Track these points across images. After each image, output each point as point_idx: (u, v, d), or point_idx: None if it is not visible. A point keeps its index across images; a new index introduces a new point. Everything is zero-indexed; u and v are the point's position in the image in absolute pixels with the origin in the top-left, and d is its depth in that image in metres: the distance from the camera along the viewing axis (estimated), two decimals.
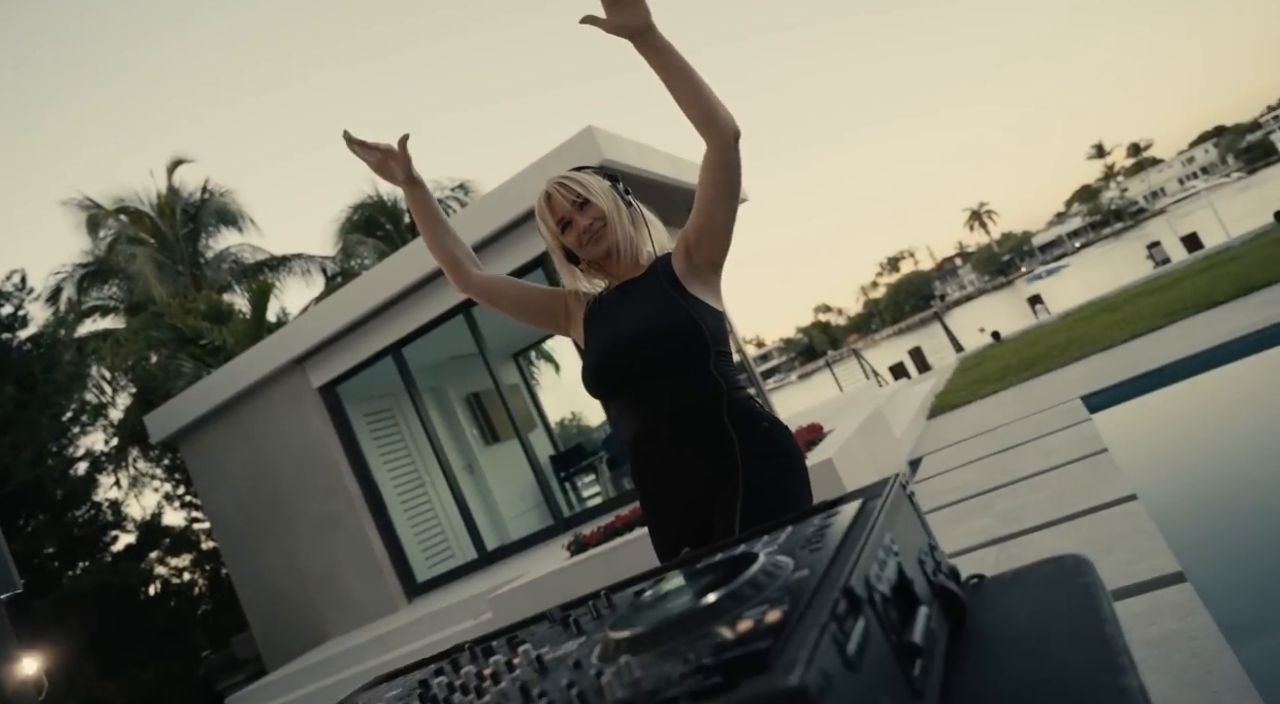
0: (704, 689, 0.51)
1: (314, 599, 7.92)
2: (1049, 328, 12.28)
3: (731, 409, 1.45)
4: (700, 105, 1.37)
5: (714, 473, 1.43)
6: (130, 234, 17.10)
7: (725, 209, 1.47)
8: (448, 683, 0.85)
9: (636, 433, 1.50)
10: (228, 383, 8.21)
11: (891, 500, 0.85)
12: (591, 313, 1.60)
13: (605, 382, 1.51)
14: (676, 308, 1.47)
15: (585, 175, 1.58)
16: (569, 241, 1.57)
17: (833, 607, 0.57)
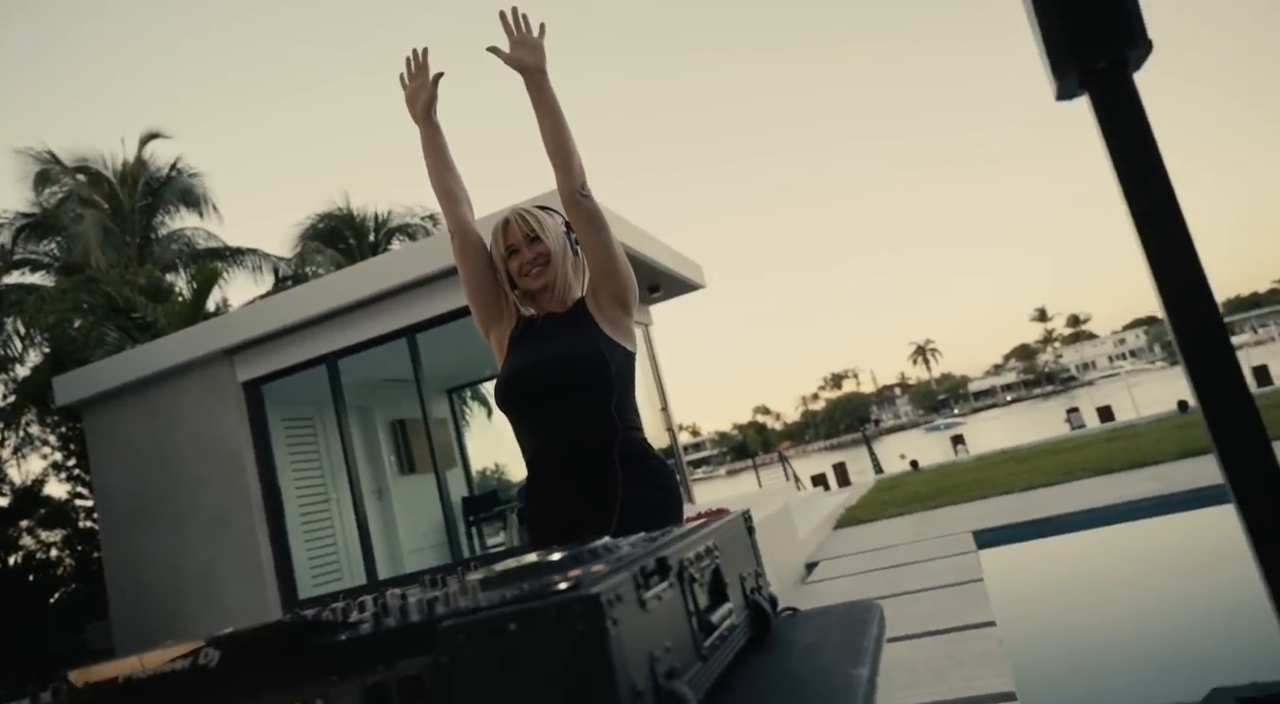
0: (525, 604, 0.65)
1: (186, 598, 7.58)
2: (962, 466, 12.81)
3: (623, 446, 1.59)
4: (561, 147, 1.63)
5: (595, 499, 1.56)
6: (84, 194, 16.69)
7: (597, 243, 1.65)
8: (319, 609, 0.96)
9: (533, 452, 1.64)
10: (151, 360, 8.02)
11: (729, 525, 1.01)
12: (518, 332, 1.74)
13: (514, 397, 1.64)
14: (589, 342, 1.62)
15: (545, 215, 1.76)
16: (511, 268, 1.72)
17: (643, 567, 0.72)
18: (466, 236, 1.75)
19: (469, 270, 1.76)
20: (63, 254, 16.36)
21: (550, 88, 1.64)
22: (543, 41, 1.66)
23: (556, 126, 1.63)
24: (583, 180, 1.64)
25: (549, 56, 1.66)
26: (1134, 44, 0.82)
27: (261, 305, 7.84)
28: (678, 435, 10.51)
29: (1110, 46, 0.83)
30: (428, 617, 0.70)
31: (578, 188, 1.63)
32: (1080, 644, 3.26)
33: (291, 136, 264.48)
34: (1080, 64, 0.84)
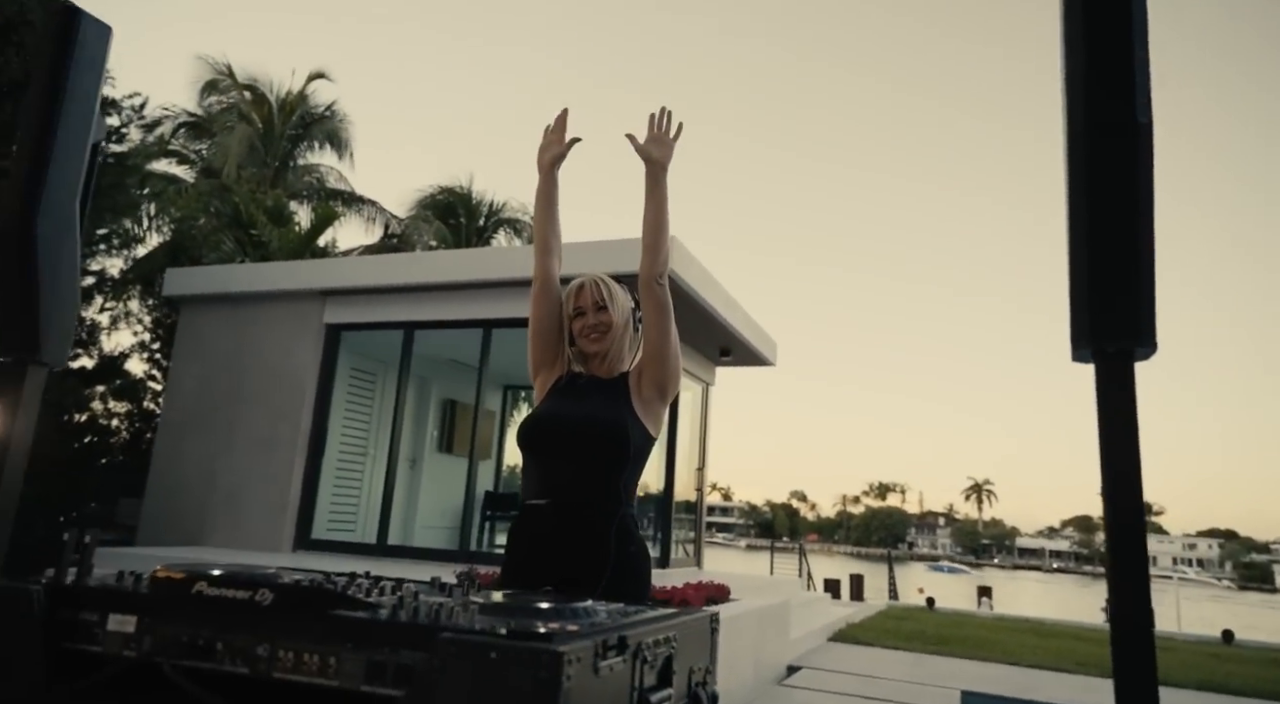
0: (507, 639, 0.83)
1: (213, 503, 8.01)
2: (979, 620, 12.38)
3: (620, 524, 1.70)
4: (657, 236, 1.81)
5: (584, 565, 1.65)
6: (244, 110, 17.99)
7: (657, 330, 1.76)
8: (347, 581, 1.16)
9: (534, 495, 1.74)
10: (255, 279, 8.60)
11: (695, 621, 1.17)
12: (561, 383, 1.88)
13: (535, 438, 1.77)
14: (619, 414, 1.74)
15: (618, 289, 1.91)
16: (575, 326, 1.87)
17: (606, 640, 0.89)
18: (547, 287, 1.91)
19: (539, 316, 1.91)
20: (208, 158, 17.63)
21: (666, 183, 1.84)
22: (675, 143, 1.86)
23: (659, 217, 1.82)
24: (664, 270, 1.80)
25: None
26: (1142, 343, 0.96)
27: (365, 260, 8.34)
28: (705, 497, 10.55)
29: (1122, 338, 0.97)
30: (433, 623, 0.89)
31: (656, 275, 1.78)
32: None
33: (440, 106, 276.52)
34: (1093, 343, 0.99)
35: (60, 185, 1.66)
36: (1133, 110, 0.98)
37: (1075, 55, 0.98)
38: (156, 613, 0.99)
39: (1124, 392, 0.97)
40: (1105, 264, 0.95)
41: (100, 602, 1.03)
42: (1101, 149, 0.98)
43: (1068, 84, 1.00)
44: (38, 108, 1.64)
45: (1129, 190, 0.93)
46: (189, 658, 0.95)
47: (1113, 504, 0.96)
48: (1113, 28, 0.96)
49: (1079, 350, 1.01)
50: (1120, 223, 0.95)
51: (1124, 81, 0.94)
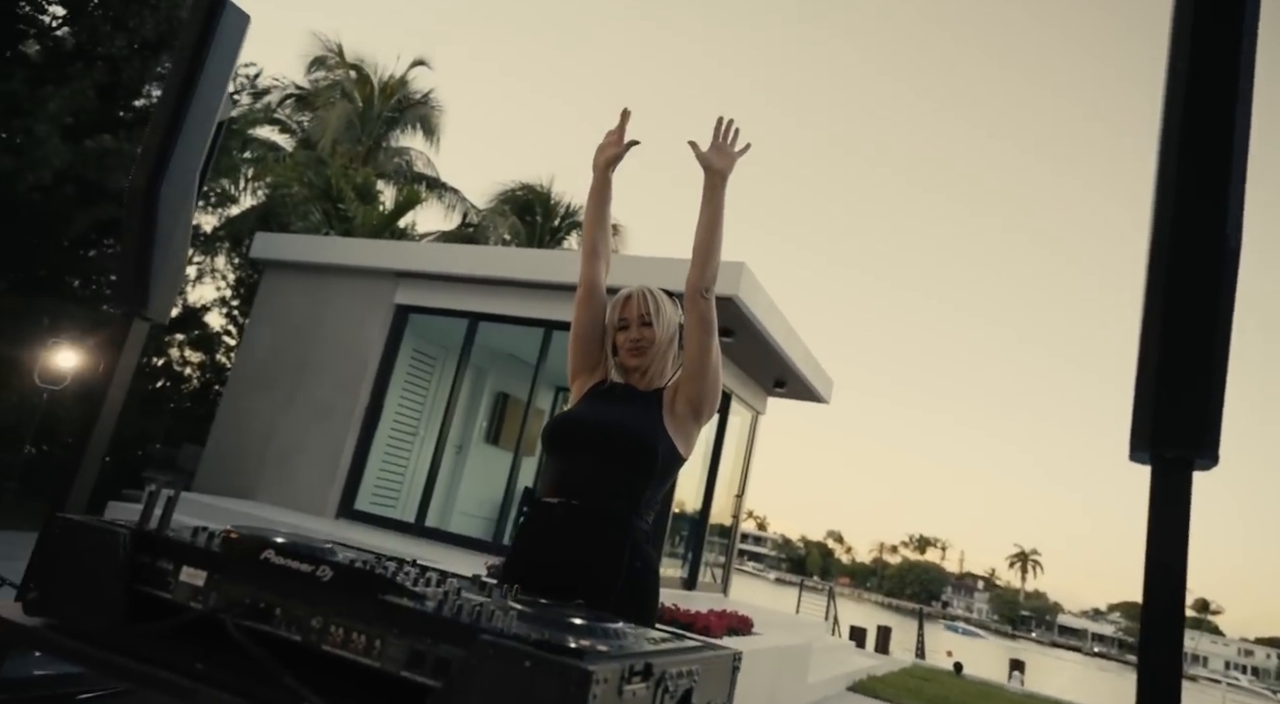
0: (542, 649, 0.87)
1: (267, 461, 8.33)
2: (1007, 696, 11.96)
3: (636, 542, 1.65)
4: (709, 248, 1.78)
5: (587, 576, 1.58)
6: (347, 88, 18.74)
7: (698, 345, 1.71)
8: (396, 566, 1.23)
9: (548, 493, 1.70)
10: (336, 252, 8.93)
11: (718, 658, 1.20)
12: (598, 389, 1.86)
13: (560, 437, 1.73)
14: (649, 425, 1.70)
15: (667, 303, 1.87)
16: (618, 338, 1.84)
17: (633, 665, 0.93)
18: (592, 292, 1.90)
19: (582, 321, 1.90)
20: (308, 130, 18.39)
21: (723, 194, 1.80)
22: (739, 157, 1.84)
23: (713, 229, 1.78)
24: (712, 284, 1.76)
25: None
26: (1203, 455, 0.96)
27: (437, 247, 8.60)
28: (740, 524, 10.49)
29: (1182, 446, 0.97)
30: (474, 623, 0.94)
31: (704, 288, 1.73)
32: None
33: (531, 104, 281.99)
34: (1152, 447, 0.99)
35: (185, 159, 1.79)
36: (1223, 233, 0.98)
37: (1169, 162, 0.98)
38: (225, 571, 1.07)
39: (1178, 500, 0.96)
40: (1174, 372, 0.95)
41: (176, 553, 1.11)
42: (1185, 265, 0.98)
43: (1159, 187, 1.00)
44: (175, 87, 1.78)
45: (1208, 308, 0.93)
46: (249, 618, 1.03)
47: (1152, 611, 0.96)
48: (1213, 142, 0.96)
49: (1137, 451, 1.01)
50: (1195, 336, 0.95)
51: (1218, 202, 0.94)
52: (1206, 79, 1.03)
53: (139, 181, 1.74)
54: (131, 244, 1.74)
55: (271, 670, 0.96)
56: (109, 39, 7.67)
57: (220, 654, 1.03)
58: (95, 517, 1.17)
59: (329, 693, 0.95)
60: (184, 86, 1.76)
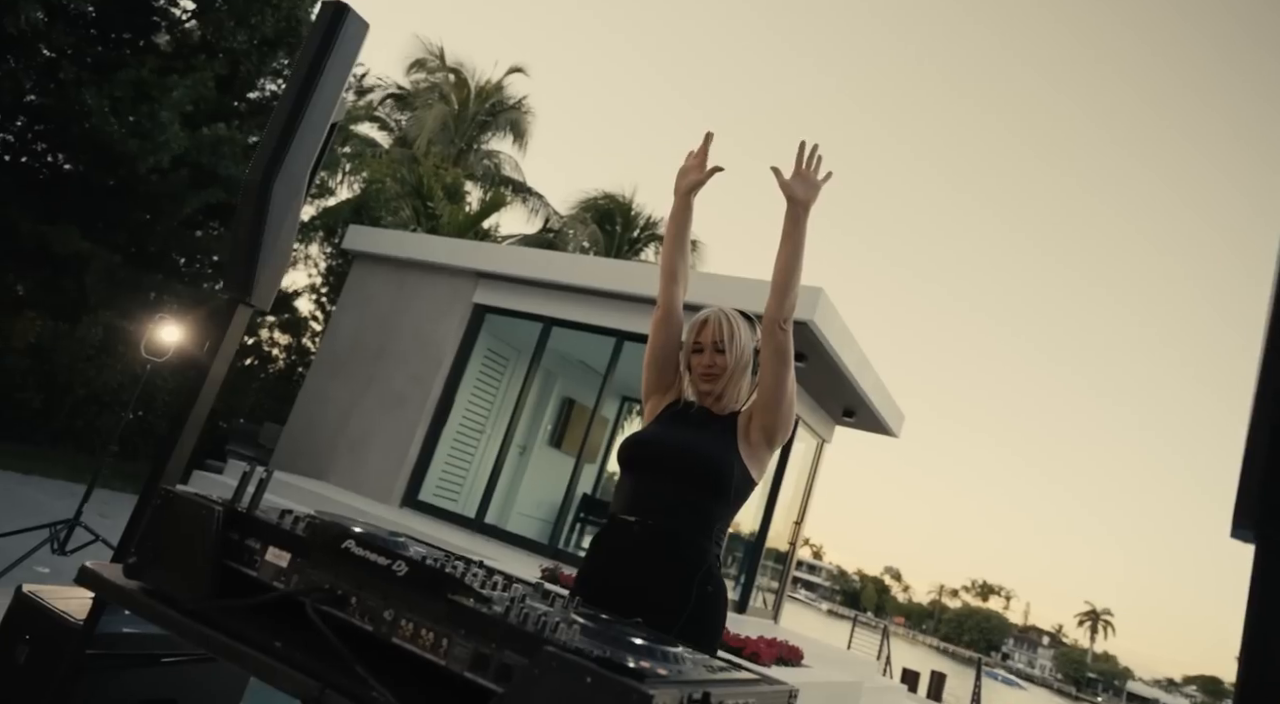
0: (604, 667, 0.88)
1: (340, 445, 8.63)
2: None
3: (709, 565, 1.66)
4: (788, 278, 1.73)
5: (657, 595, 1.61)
6: (444, 91, 19.37)
7: (773, 376, 1.70)
8: (465, 566, 1.26)
9: (623, 510, 1.71)
10: (422, 249, 9.21)
11: (774, 693, 1.18)
12: (673, 409, 1.87)
13: (635, 457, 1.76)
14: (724, 450, 1.71)
15: (743, 328, 1.85)
16: (692, 361, 1.84)
17: (692, 693, 0.93)
18: (670, 315, 1.91)
19: (658, 343, 1.90)
20: (405, 129, 19.07)
21: (806, 224, 1.75)
22: (822, 185, 1.77)
23: (793, 259, 1.74)
24: (790, 314, 1.73)
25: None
26: None
27: (513, 249, 8.75)
28: (796, 551, 10.32)
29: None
30: (538, 633, 0.96)
31: (782, 319, 1.71)
32: None
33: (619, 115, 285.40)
34: (1259, 528, 0.94)
35: (299, 157, 1.89)
36: None
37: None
38: (308, 556, 1.12)
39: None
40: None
41: (264, 533, 1.17)
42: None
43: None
44: (295, 88, 1.88)
45: None
46: (327, 603, 1.07)
47: (1246, 692, 0.91)
48: None
49: (1240, 529, 0.96)
50: None
51: None
52: None
53: (255, 176, 1.84)
54: (243, 235, 1.85)
55: (344, 657, 1.00)
56: (231, 34, 8.14)
57: (296, 634, 1.08)
58: (192, 490, 1.24)
59: (395, 685, 0.98)
60: (303, 89, 1.86)
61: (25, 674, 1.63)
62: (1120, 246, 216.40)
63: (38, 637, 1.62)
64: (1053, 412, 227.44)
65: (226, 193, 8.36)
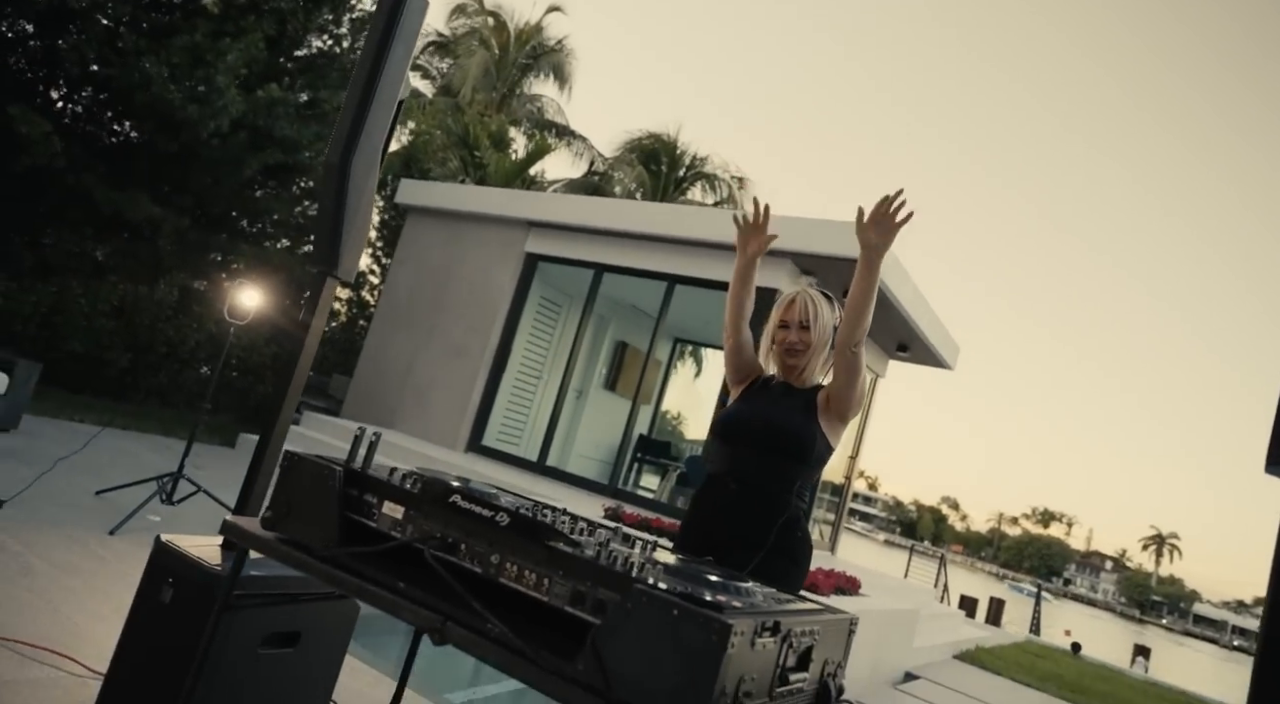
0: (689, 603, 1.01)
1: (407, 393, 8.99)
2: (1128, 681, 11.48)
3: (791, 513, 1.89)
4: (860, 311, 1.85)
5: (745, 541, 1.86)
6: (484, 36, 19.16)
7: (845, 384, 1.90)
8: (553, 514, 1.41)
9: (717, 473, 1.98)
10: (473, 200, 9.34)
11: (837, 621, 1.31)
12: (757, 385, 2.08)
13: (730, 432, 1.98)
14: (806, 422, 1.93)
15: (825, 308, 2.02)
16: (778, 336, 2.04)
17: (764, 621, 1.06)
18: (740, 345, 2.09)
19: (734, 367, 2.11)
20: (448, 77, 19.01)
21: (879, 267, 1.85)
22: (900, 228, 1.83)
23: (867, 296, 1.85)
24: (861, 339, 1.87)
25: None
26: None
27: (565, 198, 8.84)
28: (852, 484, 10.45)
29: None
30: (627, 573, 1.10)
31: (852, 343, 1.87)
32: None
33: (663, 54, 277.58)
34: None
35: (372, 136, 2.00)
36: None
37: None
38: (420, 509, 1.28)
39: None
40: None
41: (379, 489, 1.33)
42: None
43: None
44: (365, 71, 1.98)
45: None
46: (440, 549, 1.23)
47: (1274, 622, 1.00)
48: None
49: (1273, 466, 1.04)
50: None
51: None
52: None
53: (333, 158, 1.96)
54: (327, 212, 1.98)
55: (460, 594, 1.15)
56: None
57: (414, 575, 1.24)
58: (320, 457, 1.41)
59: (505, 618, 1.14)
60: (373, 71, 1.96)
61: (170, 611, 1.87)
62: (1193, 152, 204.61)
63: (180, 580, 1.85)
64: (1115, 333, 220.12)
65: (284, 153, 8.57)
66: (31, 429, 5.49)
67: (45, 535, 3.37)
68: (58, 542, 3.35)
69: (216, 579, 1.79)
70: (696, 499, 2.02)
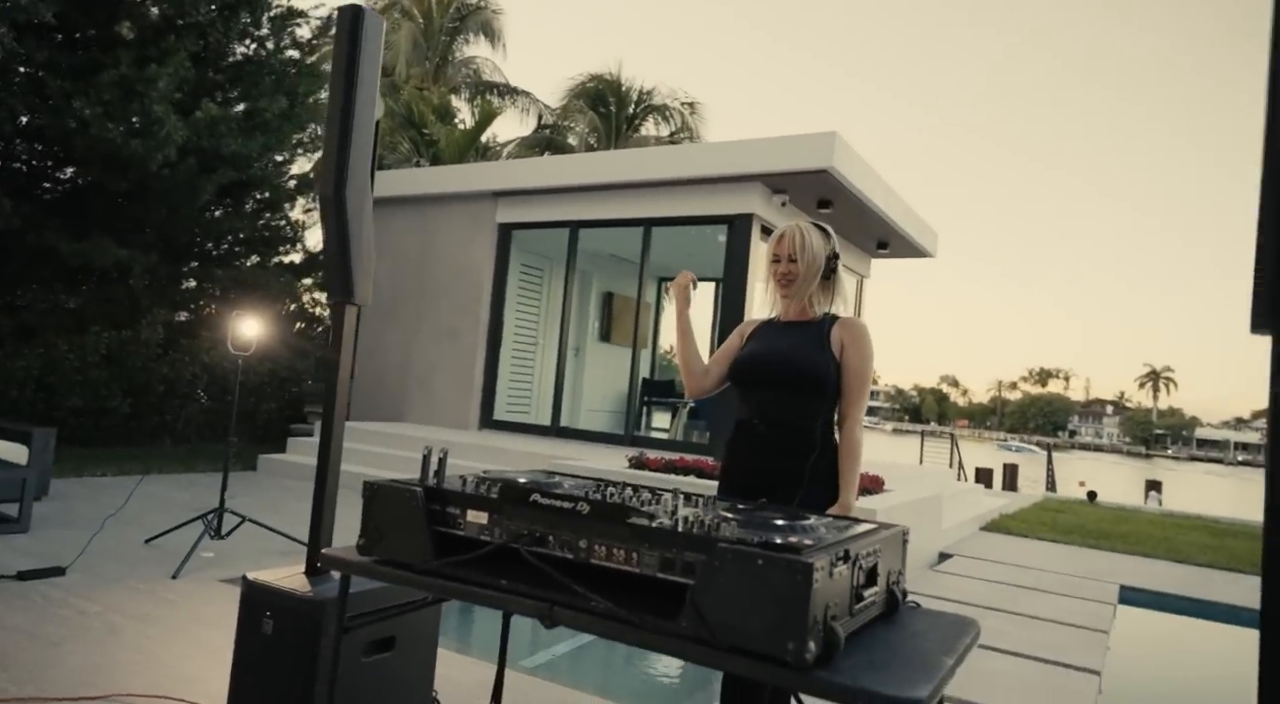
0: (769, 550, 1.14)
1: (409, 384, 9.08)
2: (1145, 516, 11.99)
3: (824, 446, 2.00)
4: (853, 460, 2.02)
5: (786, 476, 1.99)
6: (405, 6, 18.55)
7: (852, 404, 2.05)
8: (618, 491, 1.53)
9: (748, 418, 2.07)
10: (434, 182, 9.26)
11: (892, 536, 1.45)
12: (759, 330, 2.17)
13: (746, 376, 2.07)
14: (823, 354, 2.02)
15: (814, 237, 2.09)
16: (773, 269, 2.12)
17: (837, 552, 1.19)
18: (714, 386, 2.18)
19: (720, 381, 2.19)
20: None
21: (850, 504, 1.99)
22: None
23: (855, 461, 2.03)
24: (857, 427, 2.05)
25: None
26: None
27: (533, 162, 8.77)
28: None
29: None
30: (707, 534, 1.23)
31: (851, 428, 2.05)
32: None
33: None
34: (1273, 326, 1.14)
35: (358, 160, 2.05)
36: None
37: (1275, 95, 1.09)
38: (502, 511, 1.40)
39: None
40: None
41: (461, 501, 1.44)
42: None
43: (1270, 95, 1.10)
44: (339, 101, 2.01)
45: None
46: (530, 544, 1.35)
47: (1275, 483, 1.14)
48: None
49: (1258, 327, 1.16)
50: None
51: None
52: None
53: (327, 191, 2.01)
54: (332, 245, 2.05)
55: (561, 582, 1.28)
56: (194, 7, 7.97)
57: (510, 571, 1.36)
58: (396, 481, 1.52)
59: (602, 593, 1.27)
60: (347, 99, 1.99)
61: (274, 641, 2.01)
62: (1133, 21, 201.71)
63: (279, 611, 1.98)
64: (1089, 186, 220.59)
65: (236, 170, 8.43)
66: (61, 492, 5.59)
67: (114, 592, 3.51)
68: (127, 596, 3.48)
69: (315, 605, 1.93)
70: (730, 445, 2.13)
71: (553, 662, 3.43)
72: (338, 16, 2.01)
